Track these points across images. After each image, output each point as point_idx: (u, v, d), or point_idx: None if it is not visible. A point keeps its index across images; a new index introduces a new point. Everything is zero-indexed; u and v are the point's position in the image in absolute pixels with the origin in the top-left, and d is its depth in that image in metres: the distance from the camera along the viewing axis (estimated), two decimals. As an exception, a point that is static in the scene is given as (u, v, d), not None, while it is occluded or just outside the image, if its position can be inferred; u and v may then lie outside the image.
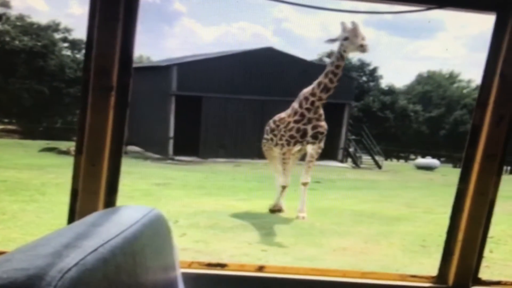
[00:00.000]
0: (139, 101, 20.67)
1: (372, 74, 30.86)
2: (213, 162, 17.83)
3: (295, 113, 9.03)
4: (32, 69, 25.87)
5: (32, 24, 27.84)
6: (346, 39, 8.14)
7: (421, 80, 32.40)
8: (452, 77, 32.85)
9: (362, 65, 30.25)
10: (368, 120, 26.66)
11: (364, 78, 30.18)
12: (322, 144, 9.28)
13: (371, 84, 30.89)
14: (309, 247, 7.39)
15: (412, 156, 26.93)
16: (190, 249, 6.84)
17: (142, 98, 20.48)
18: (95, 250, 0.85)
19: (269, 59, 18.52)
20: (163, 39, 35.12)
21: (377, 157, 21.57)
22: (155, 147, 19.51)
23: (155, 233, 1.19)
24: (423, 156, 23.65)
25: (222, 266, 1.95)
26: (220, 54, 20.02)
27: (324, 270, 2.05)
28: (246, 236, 7.76)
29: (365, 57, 29.44)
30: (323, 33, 31.20)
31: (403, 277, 2.02)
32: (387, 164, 22.65)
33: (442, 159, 25.35)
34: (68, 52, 29.64)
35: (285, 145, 9.22)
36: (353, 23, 8.05)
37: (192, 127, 18.62)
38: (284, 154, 9.29)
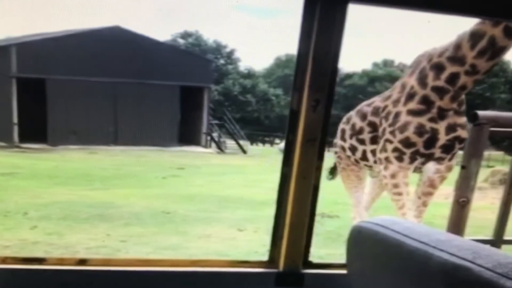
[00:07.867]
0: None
1: (230, 57, 31.21)
2: (64, 149, 16.96)
3: (411, 96, 4.77)
4: None
5: None
6: None
7: (280, 63, 33.63)
8: (310, 60, 34.50)
9: (219, 47, 30.44)
10: (230, 104, 27.13)
11: (222, 61, 30.40)
12: (453, 162, 5.03)
13: (230, 67, 31.26)
14: (172, 236, 7.36)
15: (277, 141, 27.91)
16: (42, 242, 6.63)
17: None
18: None
19: (117, 39, 17.93)
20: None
21: (242, 142, 21.94)
22: (-2, 134, 17.91)
23: None
24: (288, 141, 24.78)
25: (39, 260, 1.80)
26: (64, 33, 18.87)
27: (152, 261, 1.97)
28: (103, 227, 7.57)
29: (221, 39, 29.66)
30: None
31: (233, 263, 2.01)
32: (252, 148, 23.39)
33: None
34: None
35: (392, 160, 4.93)
36: None
37: (38, 112, 17.49)
38: (393, 177, 4.96)
